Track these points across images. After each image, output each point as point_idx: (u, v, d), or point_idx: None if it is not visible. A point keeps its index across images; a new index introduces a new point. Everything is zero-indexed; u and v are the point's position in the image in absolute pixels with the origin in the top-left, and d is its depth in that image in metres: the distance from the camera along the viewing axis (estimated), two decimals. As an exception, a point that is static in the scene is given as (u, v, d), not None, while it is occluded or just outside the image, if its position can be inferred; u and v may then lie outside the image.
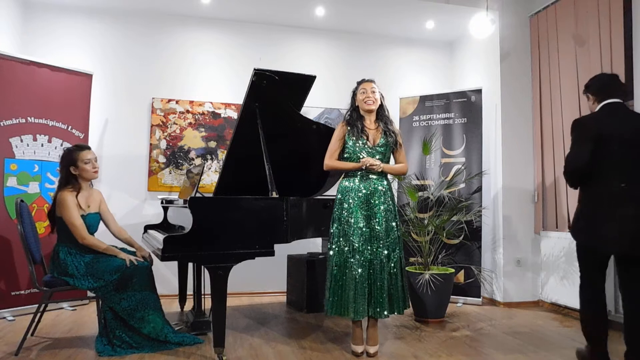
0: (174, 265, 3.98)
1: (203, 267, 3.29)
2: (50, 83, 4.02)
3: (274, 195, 2.94)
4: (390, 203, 2.95)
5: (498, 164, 4.49)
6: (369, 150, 2.95)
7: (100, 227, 3.19)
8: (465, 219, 4.11)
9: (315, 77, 3.32)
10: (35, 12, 4.44)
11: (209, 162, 4.73)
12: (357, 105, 3.03)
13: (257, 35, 4.94)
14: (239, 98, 3.85)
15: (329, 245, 2.94)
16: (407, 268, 3.76)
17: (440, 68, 5.42)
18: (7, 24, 4.15)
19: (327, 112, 4.99)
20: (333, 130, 3.08)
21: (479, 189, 4.40)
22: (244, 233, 2.79)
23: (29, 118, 3.88)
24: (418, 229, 4.00)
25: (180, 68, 4.77)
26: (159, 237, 3.07)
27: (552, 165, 4.20)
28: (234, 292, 4.32)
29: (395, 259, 2.87)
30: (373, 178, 2.94)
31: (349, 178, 2.97)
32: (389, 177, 3.14)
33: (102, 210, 3.18)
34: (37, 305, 2.98)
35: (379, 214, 2.89)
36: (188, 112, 4.71)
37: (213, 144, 4.76)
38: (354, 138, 2.95)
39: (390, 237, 2.89)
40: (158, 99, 4.65)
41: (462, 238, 4.25)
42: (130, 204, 4.54)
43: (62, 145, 3.96)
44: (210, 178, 4.70)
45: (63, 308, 4.01)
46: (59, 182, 3.07)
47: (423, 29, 5.09)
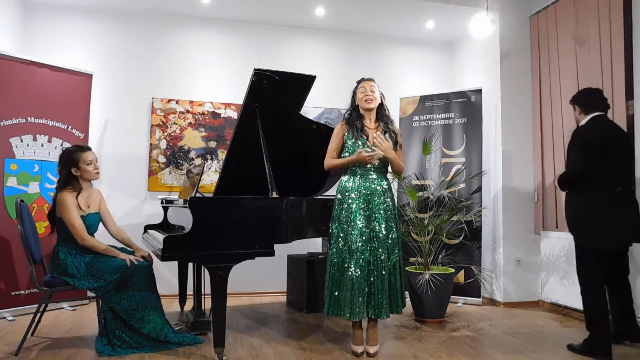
0: (174, 265, 3.98)
1: (203, 267, 3.29)
2: (50, 83, 4.02)
3: (274, 195, 2.94)
4: (390, 203, 2.95)
5: (498, 164, 4.49)
6: (368, 151, 2.94)
7: (100, 227, 3.18)
8: (465, 219, 4.11)
9: (315, 77, 3.32)
10: (35, 12, 4.44)
11: (209, 162, 4.73)
12: (356, 105, 3.02)
13: (257, 35, 4.94)
14: (239, 98, 3.85)
15: (329, 245, 2.94)
16: (407, 268, 3.77)
17: (440, 68, 5.42)
18: (7, 24, 4.15)
19: (327, 112, 4.99)
20: (333, 130, 3.08)
21: (479, 189, 4.40)
22: (244, 233, 2.79)
23: (29, 118, 3.89)
24: (418, 229, 4.00)
25: (180, 68, 4.77)
26: (159, 237, 3.07)
27: (552, 165, 4.20)
28: (234, 292, 4.32)
29: (395, 260, 2.87)
30: (373, 178, 2.93)
31: (349, 178, 2.97)
32: (389, 177, 3.14)
33: (101, 211, 3.18)
34: (37, 305, 2.98)
35: (379, 214, 2.88)
36: (188, 112, 4.71)
37: (213, 144, 4.76)
38: (354, 137, 2.95)
39: (390, 237, 2.88)
40: (158, 99, 4.65)
41: (462, 238, 4.25)
42: (130, 204, 4.54)
43: (62, 145, 3.96)
44: (210, 178, 4.70)
45: (63, 308, 4.01)
46: (59, 182, 3.06)
47: (423, 29, 5.09)
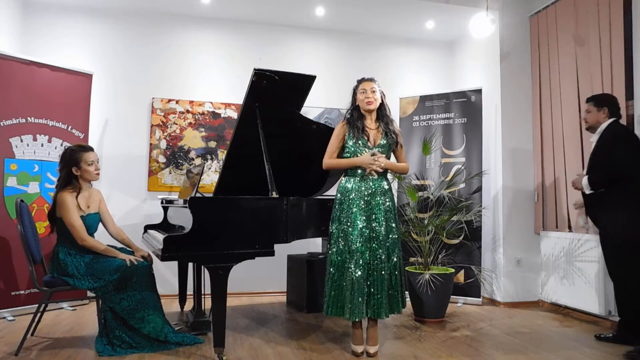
0: (174, 265, 3.98)
1: (203, 267, 3.29)
2: (50, 83, 4.02)
3: (274, 195, 2.94)
4: (390, 203, 2.95)
5: (498, 164, 4.49)
6: (370, 151, 2.94)
7: (100, 227, 3.18)
8: (465, 219, 4.10)
9: (315, 77, 3.32)
10: (35, 12, 4.44)
11: (209, 162, 4.73)
12: (357, 104, 3.01)
13: (257, 35, 4.94)
14: (239, 98, 3.85)
15: (329, 245, 2.94)
16: (407, 268, 3.77)
17: (440, 68, 5.41)
18: (7, 24, 4.15)
19: (327, 112, 4.99)
20: (333, 130, 3.08)
21: (479, 189, 4.40)
22: (244, 233, 2.79)
23: (29, 118, 3.89)
24: (418, 229, 4.00)
25: (180, 68, 4.77)
26: (159, 237, 3.07)
27: (552, 165, 4.20)
28: (234, 292, 4.32)
29: (395, 260, 2.87)
30: (373, 178, 2.93)
31: (349, 178, 2.96)
32: (389, 177, 3.14)
33: (101, 211, 3.17)
34: (37, 305, 2.98)
35: (379, 215, 2.88)
36: (188, 112, 4.71)
37: (213, 144, 4.76)
38: (355, 138, 2.94)
39: (390, 237, 2.88)
40: (158, 99, 4.65)
41: (462, 238, 4.24)
42: (130, 204, 4.54)
43: (62, 145, 3.96)
44: (210, 178, 4.70)
45: (63, 308, 4.01)
46: (59, 182, 3.05)
47: (423, 29, 5.09)
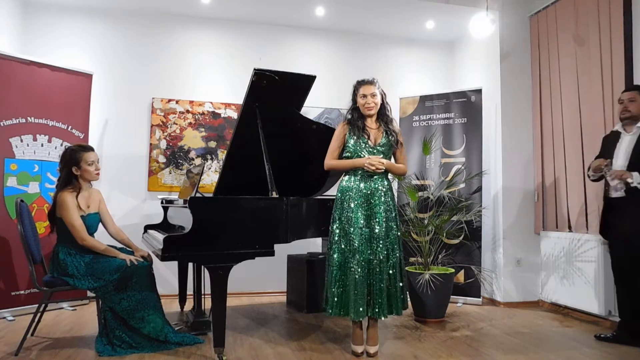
0: (174, 265, 3.98)
1: (203, 267, 3.29)
2: (50, 83, 4.01)
3: (274, 195, 2.94)
4: (391, 203, 2.95)
5: (498, 164, 4.49)
6: (370, 150, 2.94)
7: (100, 227, 3.18)
8: (465, 219, 4.10)
9: (315, 77, 3.31)
10: (35, 12, 4.44)
11: (209, 162, 4.73)
12: (357, 105, 3.01)
13: (257, 35, 4.94)
14: (239, 98, 3.85)
15: (329, 245, 2.94)
16: (407, 268, 3.76)
17: (440, 68, 5.41)
18: (7, 24, 4.15)
19: (327, 112, 4.99)
20: (333, 130, 3.08)
21: (479, 189, 4.40)
22: (244, 233, 2.79)
23: (29, 118, 3.88)
24: (418, 229, 4.00)
25: (180, 68, 4.77)
26: (159, 237, 3.07)
27: (552, 165, 4.20)
28: (234, 292, 4.32)
29: (395, 260, 2.87)
30: (374, 178, 2.93)
31: (350, 178, 2.96)
32: (390, 177, 3.14)
33: (101, 211, 3.17)
34: (37, 305, 2.98)
35: (379, 214, 2.88)
36: (188, 112, 4.71)
37: (213, 144, 4.76)
38: (355, 137, 2.94)
39: (390, 237, 2.88)
40: (158, 99, 4.65)
41: (462, 238, 4.24)
42: (130, 204, 4.54)
43: (62, 145, 3.96)
44: (210, 178, 4.70)
45: (63, 308, 4.01)
46: (59, 181, 3.05)
47: (423, 29, 5.09)
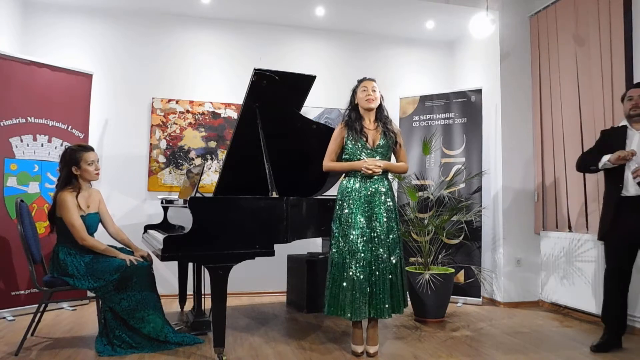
0: (174, 265, 3.98)
1: (203, 267, 3.29)
2: (50, 83, 4.01)
3: (274, 195, 2.94)
4: (391, 203, 2.95)
5: (498, 164, 4.49)
6: (369, 152, 2.94)
7: (100, 227, 3.18)
8: (465, 219, 4.10)
9: (315, 77, 3.31)
10: (35, 12, 4.44)
11: (209, 162, 4.73)
12: (356, 104, 3.01)
13: (257, 35, 4.94)
14: (239, 98, 3.86)
15: (330, 245, 2.94)
16: (407, 268, 3.76)
17: (440, 68, 5.41)
18: (7, 24, 4.15)
19: (327, 112, 4.99)
20: (333, 130, 3.08)
21: (479, 189, 4.40)
22: (244, 233, 2.79)
23: (29, 118, 3.88)
24: (418, 229, 4.00)
25: (180, 68, 4.77)
26: (159, 237, 3.07)
27: (552, 165, 4.20)
28: (234, 292, 4.32)
29: (396, 260, 2.87)
30: (373, 178, 2.93)
31: (350, 178, 2.96)
32: (390, 177, 3.14)
33: (101, 211, 3.17)
34: (37, 305, 2.98)
35: (380, 215, 2.88)
36: (188, 112, 4.71)
37: (213, 144, 4.76)
38: (354, 139, 2.94)
39: (391, 237, 2.88)
40: (158, 99, 4.65)
41: (462, 238, 4.24)
42: (130, 204, 4.54)
43: (62, 145, 3.96)
44: (210, 178, 4.70)
45: (63, 308, 4.01)
46: (59, 181, 3.05)
47: (423, 29, 5.09)
